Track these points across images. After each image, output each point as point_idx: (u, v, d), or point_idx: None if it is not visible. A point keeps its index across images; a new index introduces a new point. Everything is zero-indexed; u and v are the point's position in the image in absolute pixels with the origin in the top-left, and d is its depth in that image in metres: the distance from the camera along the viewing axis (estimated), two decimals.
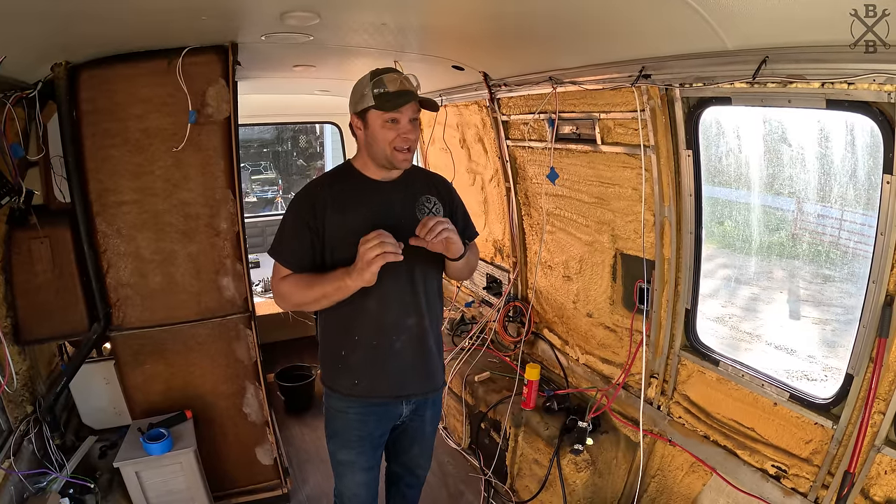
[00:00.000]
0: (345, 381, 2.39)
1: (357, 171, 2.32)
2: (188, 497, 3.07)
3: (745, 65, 2.13)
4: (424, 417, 2.61)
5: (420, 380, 2.44)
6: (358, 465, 2.53)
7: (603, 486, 3.26)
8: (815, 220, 3.02)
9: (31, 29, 2.26)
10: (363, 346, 2.30)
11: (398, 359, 2.35)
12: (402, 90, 2.11)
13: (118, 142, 2.93)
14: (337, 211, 2.22)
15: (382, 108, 2.10)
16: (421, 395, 2.49)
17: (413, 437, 2.66)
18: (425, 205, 2.35)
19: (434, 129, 4.92)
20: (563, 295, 3.91)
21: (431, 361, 2.45)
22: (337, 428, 2.49)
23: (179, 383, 3.30)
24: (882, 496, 2.16)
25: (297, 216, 2.25)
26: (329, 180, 2.39)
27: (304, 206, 2.26)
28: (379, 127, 2.14)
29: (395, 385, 2.39)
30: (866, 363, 2.14)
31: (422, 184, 2.42)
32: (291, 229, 2.26)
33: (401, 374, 2.38)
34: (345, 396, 2.41)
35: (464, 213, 2.56)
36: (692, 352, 2.95)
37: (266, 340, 3.78)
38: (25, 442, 2.80)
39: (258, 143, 19.49)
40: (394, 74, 2.14)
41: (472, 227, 2.61)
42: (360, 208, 2.24)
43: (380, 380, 2.37)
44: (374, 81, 2.13)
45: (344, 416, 2.45)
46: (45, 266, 2.89)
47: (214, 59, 2.97)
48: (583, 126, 3.24)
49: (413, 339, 2.36)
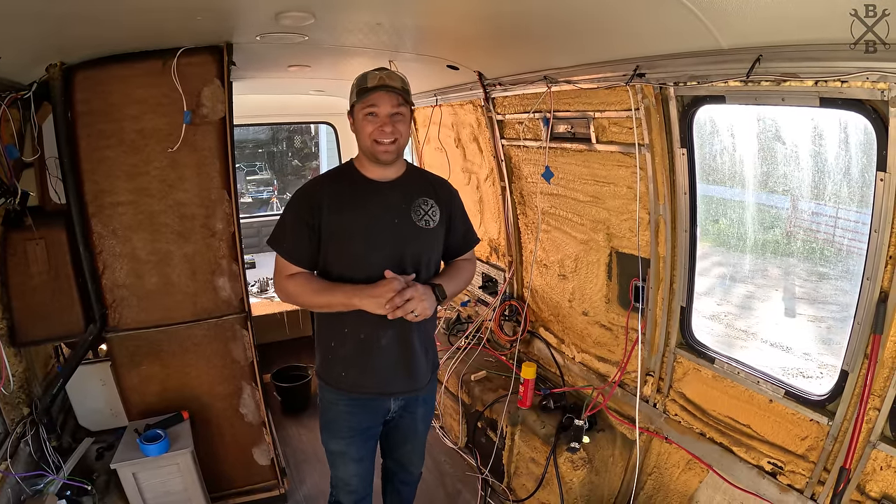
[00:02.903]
0: (334, 372, 2.45)
1: (356, 171, 2.37)
2: (185, 498, 3.07)
3: (739, 63, 2.14)
4: (416, 415, 2.65)
5: (404, 378, 2.47)
6: (349, 456, 2.57)
7: (600, 483, 3.27)
8: (810, 217, 3.03)
9: (25, 30, 2.25)
10: (352, 339, 2.36)
11: (383, 355, 2.39)
12: (380, 84, 2.18)
13: (113, 143, 2.92)
14: (334, 210, 2.27)
15: (359, 99, 2.20)
16: (404, 394, 2.53)
17: (405, 435, 2.71)
18: (421, 207, 2.37)
19: (429, 128, 4.92)
20: (558, 294, 3.92)
21: (416, 361, 2.47)
22: (328, 419, 2.55)
23: (176, 384, 3.29)
24: (878, 492, 2.18)
25: (296, 214, 2.32)
26: (328, 179, 2.45)
27: (303, 204, 2.32)
28: (361, 119, 2.23)
29: (380, 381, 2.44)
30: (861, 360, 2.15)
31: (420, 186, 2.44)
32: (291, 225, 2.33)
33: (385, 371, 2.43)
34: (335, 388, 2.47)
35: (464, 220, 2.59)
36: (688, 349, 2.96)
37: (262, 341, 3.78)
38: (22, 444, 2.79)
39: (253, 143, 19.44)
40: (377, 72, 2.22)
41: (472, 233, 2.64)
42: (356, 208, 2.29)
43: (365, 374, 2.42)
44: (358, 80, 2.25)
45: (335, 408, 2.51)
46: (41, 267, 2.88)
47: (209, 59, 2.96)
48: (577, 125, 3.24)
49: (399, 337, 2.39)
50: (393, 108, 2.21)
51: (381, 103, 2.19)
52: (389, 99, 2.20)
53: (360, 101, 2.20)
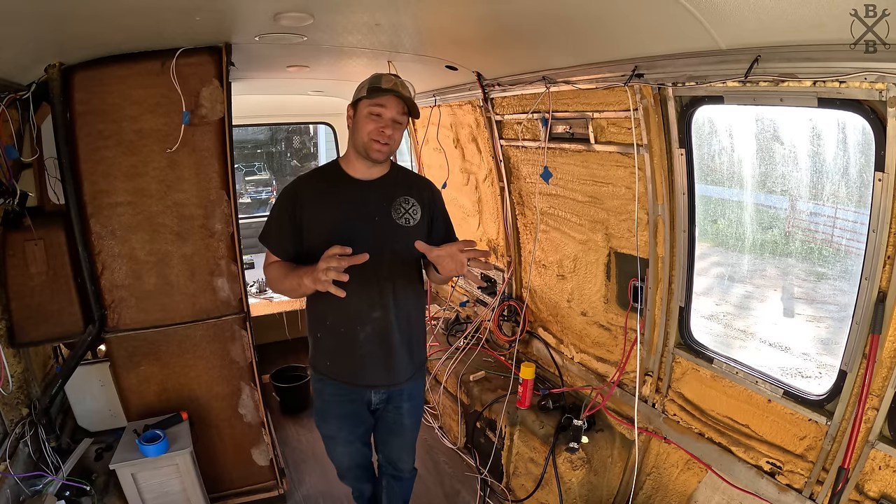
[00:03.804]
0: (320, 361, 2.60)
1: (341, 169, 2.47)
2: (184, 498, 3.06)
3: (738, 64, 2.15)
4: (402, 410, 2.72)
5: (382, 372, 2.55)
6: (339, 440, 2.75)
7: (598, 484, 3.27)
8: (808, 217, 3.03)
9: (24, 30, 2.25)
10: (333, 331, 2.44)
11: (362, 348, 2.48)
12: (394, 88, 2.27)
13: (112, 143, 2.92)
14: (315, 205, 2.39)
15: (369, 97, 2.27)
16: (382, 387, 2.61)
17: (391, 429, 2.79)
18: (402, 205, 2.46)
19: (428, 129, 4.92)
20: (557, 294, 3.92)
21: (395, 356, 2.54)
22: (319, 406, 2.70)
23: (175, 385, 3.29)
24: (877, 491, 2.18)
25: (281, 208, 2.44)
26: (313, 177, 2.59)
27: (287, 199, 2.44)
28: (364, 116, 2.31)
29: (359, 373, 2.55)
30: (860, 359, 2.15)
31: (403, 185, 2.52)
32: (276, 219, 2.46)
33: (363, 364, 2.52)
34: (323, 377, 2.61)
35: (445, 221, 2.66)
36: (686, 349, 2.97)
37: (261, 341, 3.78)
38: (21, 444, 2.79)
39: (252, 143, 19.37)
40: (393, 77, 2.31)
41: (453, 234, 2.69)
42: (337, 205, 2.41)
43: (345, 365, 2.54)
44: (372, 78, 2.33)
45: (322, 395, 2.66)
46: (40, 268, 2.88)
47: (208, 59, 2.96)
48: (576, 125, 3.25)
49: (377, 332, 2.48)
50: (397, 115, 2.30)
51: (389, 105, 2.28)
52: (397, 105, 2.29)
53: (370, 99, 2.27)
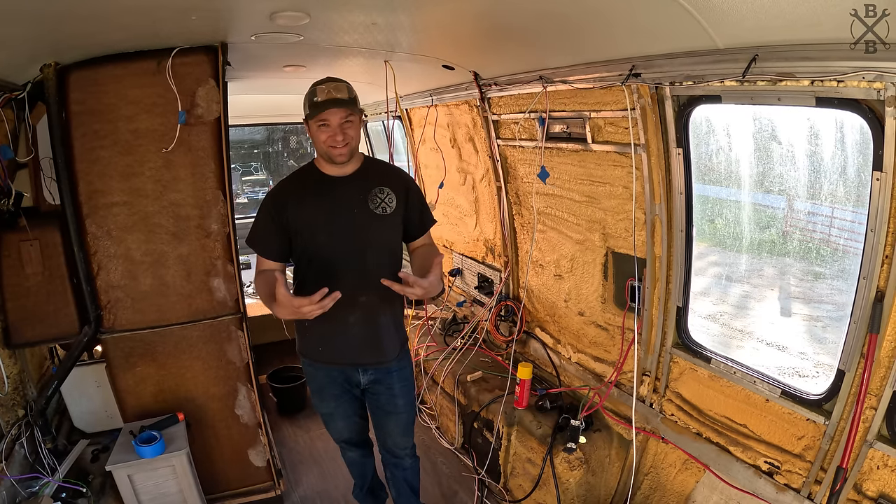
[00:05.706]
0: (310, 346, 2.76)
1: (317, 170, 2.63)
2: (181, 500, 3.06)
3: (735, 63, 2.15)
4: (394, 390, 2.84)
5: (371, 350, 2.71)
6: (336, 416, 2.96)
7: (596, 484, 3.27)
8: (806, 217, 3.03)
9: (19, 30, 2.24)
10: (324, 318, 2.47)
11: (351, 331, 2.64)
12: (328, 99, 2.40)
13: (108, 143, 2.91)
14: (298, 205, 2.55)
15: (311, 115, 2.44)
16: (372, 365, 2.76)
17: (386, 411, 2.90)
18: (377, 195, 2.60)
19: (424, 128, 4.91)
20: (554, 294, 3.92)
21: (385, 336, 2.72)
22: (314, 388, 2.92)
23: (171, 385, 3.28)
24: (875, 491, 2.18)
25: (265, 211, 2.60)
26: (292, 180, 2.71)
27: (270, 202, 2.61)
28: (315, 130, 2.47)
29: (348, 354, 2.71)
30: (857, 359, 2.15)
31: (375, 177, 2.65)
32: (262, 222, 2.61)
33: (353, 345, 2.68)
34: (313, 361, 2.79)
35: (420, 202, 2.78)
36: (684, 349, 2.97)
37: (258, 342, 3.76)
38: (17, 446, 2.78)
39: (249, 143, 19.33)
40: (324, 85, 2.43)
41: (428, 213, 2.84)
42: (317, 203, 2.56)
43: (335, 348, 2.70)
44: (308, 93, 2.47)
45: (315, 378, 2.86)
46: (35, 268, 2.88)
47: (204, 59, 2.95)
48: (573, 125, 3.24)
49: (366, 315, 2.64)
50: (342, 119, 2.43)
51: (331, 117, 2.41)
52: (338, 112, 2.41)
53: (313, 116, 2.42)
